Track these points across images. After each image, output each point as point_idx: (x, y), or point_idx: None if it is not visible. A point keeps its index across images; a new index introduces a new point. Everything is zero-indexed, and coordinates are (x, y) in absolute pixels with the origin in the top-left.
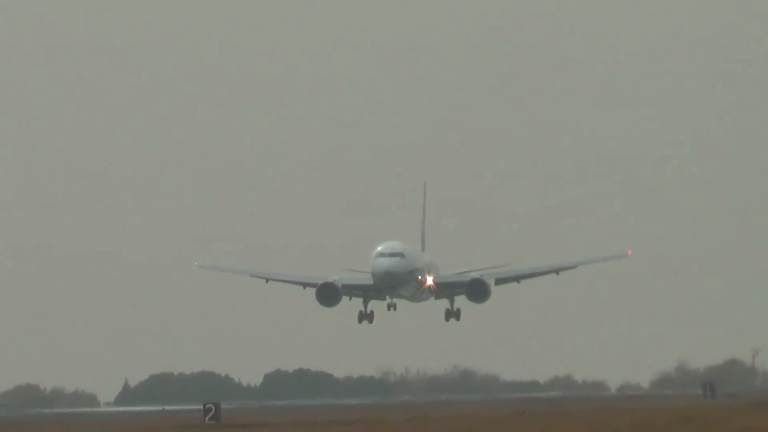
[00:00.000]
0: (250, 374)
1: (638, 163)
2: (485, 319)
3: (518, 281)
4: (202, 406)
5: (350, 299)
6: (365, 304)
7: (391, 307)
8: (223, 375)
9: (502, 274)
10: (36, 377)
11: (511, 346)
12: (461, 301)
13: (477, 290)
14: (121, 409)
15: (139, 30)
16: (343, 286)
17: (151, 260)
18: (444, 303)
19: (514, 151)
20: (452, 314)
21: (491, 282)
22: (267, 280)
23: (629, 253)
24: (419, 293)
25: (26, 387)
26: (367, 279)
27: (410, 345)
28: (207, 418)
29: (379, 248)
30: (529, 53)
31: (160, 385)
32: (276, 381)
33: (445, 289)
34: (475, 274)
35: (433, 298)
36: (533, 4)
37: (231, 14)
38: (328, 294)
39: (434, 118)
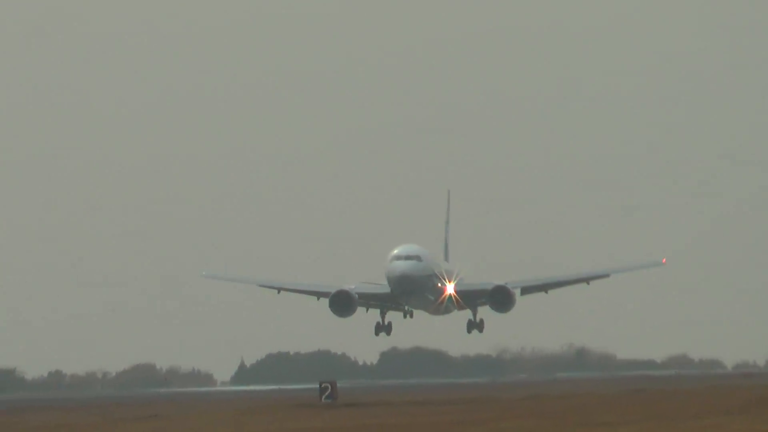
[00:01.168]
0: (366, 353)
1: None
2: (602, 299)
3: (546, 291)
4: (318, 385)
5: (367, 310)
6: (382, 315)
7: (407, 314)
8: (339, 354)
9: (529, 283)
10: (152, 357)
11: (627, 325)
12: (484, 312)
13: (501, 298)
14: (237, 388)
15: (143, 34)
16: (359, 294)
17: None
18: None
19: (541, 159)
20: (475, 325)
21: (517, 291)
22: (279, 291)
23: (663, 261)
24: (439, 303)
25: (143, 366)
26: (383, 287)
27: (525, 323)
28: (323, 397)
29: (395, 251)
30: (556, 56)
31: (276, 365)
32: (392, 360)
33: (467, 298)
34: (498, 282)
35: (455, 310)
36: (558, 3)
37: (255, 19)
38: (343, 303)
39: (459, 125)
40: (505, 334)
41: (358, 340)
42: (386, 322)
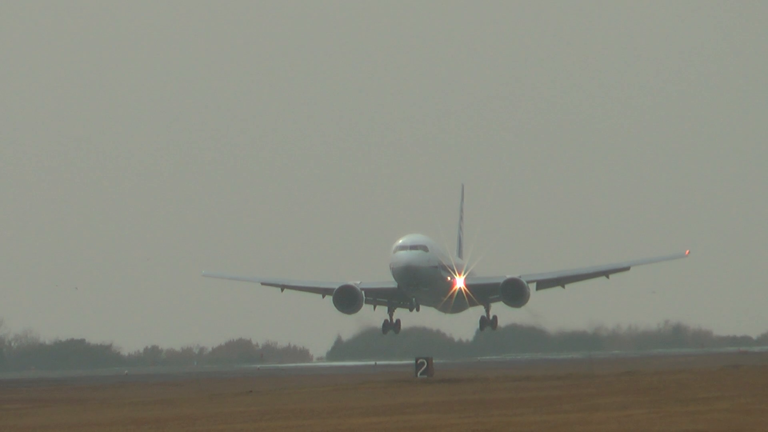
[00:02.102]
0: (461, 329)
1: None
2: (699, 276)
3: (563, 285)
4: (413, 361)
5: (374, 308)
6: (390, 312)
7: (414, 308)
8: (434, 330)
9: (544, 277)
10: (249, 333)
11: (723, 302)
12: (498, 308)
13: (513, 291)
14: (333, 364)
15: (143, 31)
16: (364, 290)
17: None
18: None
19: (555, 152)
20: (488, 322)
21: (532, 286)
22: (282, 288)
23: (686, 253)
24: (449, 297)
25: (239, 342)
26: (390, 282)
27: (621, 300)
28: (419, 373)
29: (399, 241)
30: (573, 46)
31: (371, 341)
32: (487, 337)
33: (479, 293)
34: (511, 275)
35: (468, 307)
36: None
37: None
38: (347, 298)
39: (471, 117)
40: (600, 311)
41: (454, 317)
42: (395, 320)
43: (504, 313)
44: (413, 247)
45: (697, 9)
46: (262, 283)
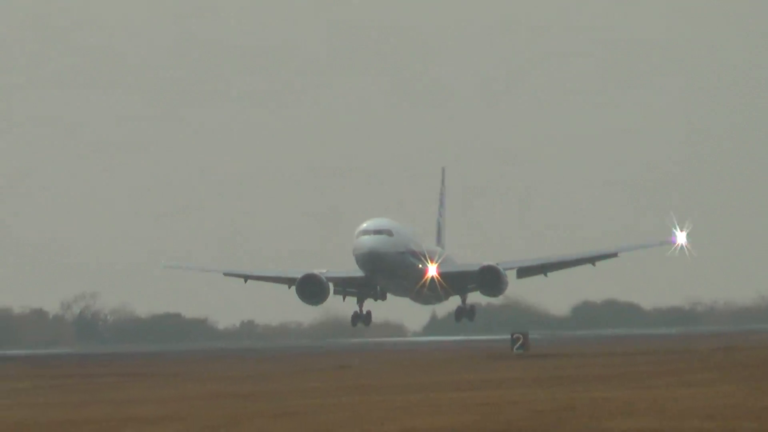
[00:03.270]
0: (557, 304)
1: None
2: None
3: (545, 273)
4: (509, 336)
5: (344, 299)
6: (360, 303)
7: (379, 297)
8: (530, 304)
9: (525, 263)
10: (344, 308)
11: None
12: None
13: (489, 279)
14: (429, 338)
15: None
16: (332, 279)
17: None
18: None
19: (536, 134)
20: (465, 312)
21: (512, 273)
22: (245, 279)
23: (677, 239)
24: (421, 287)
25: (335, 318)
26: (357, 271)
27: (717, 275)
28: (515, 348)
29: (363, 225)
30: (557, 32)
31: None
32: (584, 312)
33: (454, 281)
34: (488, 262)
35: (445, 298)
36: None
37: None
38: (311, 288)
39: (450, 96)
40: (696, 286)
41: (550, 291)
42: (365, 311)
43: (600, 288)
44: (377, 232)
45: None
46: (225, 274)
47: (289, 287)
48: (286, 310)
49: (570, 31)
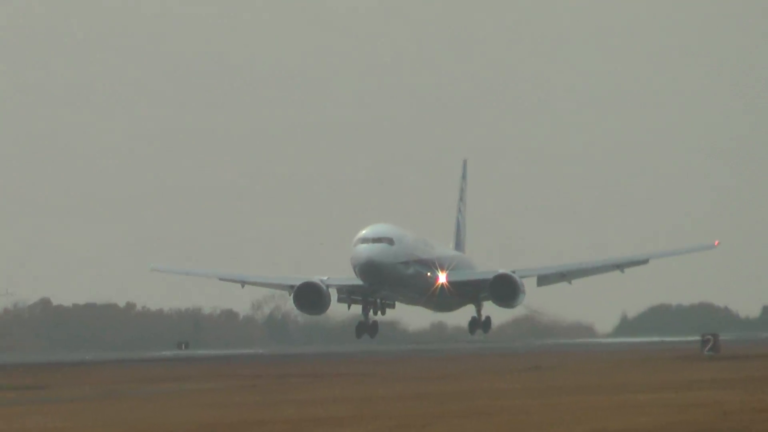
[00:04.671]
0: (748, 306)
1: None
2: None
3: (569, 281)
4: (699, 337)
5: (349, 307)
6: (365, 312)
7: (379, 310)
8: (721, 307)
9: (546, 271)
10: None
11: None
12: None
13: (503, 289)
14: (619, 340)
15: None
16: (335, 287)
17: None
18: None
19: (564, 131)
20: (479, 324)
21: (530, 281)
22: (243, 285)
23: (716, 243)
24: (430, 297)
25: (525, 318)
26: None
27: None
28: (705, 350)
29: (362, 232)
30: (587, 26)
31: (657, 317)
32: None
33: (465, 290)
34: (504, 270)
35: (457, 306)
36: None
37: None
38: (310, 298)
39: (472, 86)
40: None
41: (741, 292)
42: (371, 321)
43: None
44: (376, 240)
45: None
46: (220, 279)
47: (290, 294)
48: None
49: (601, 23)
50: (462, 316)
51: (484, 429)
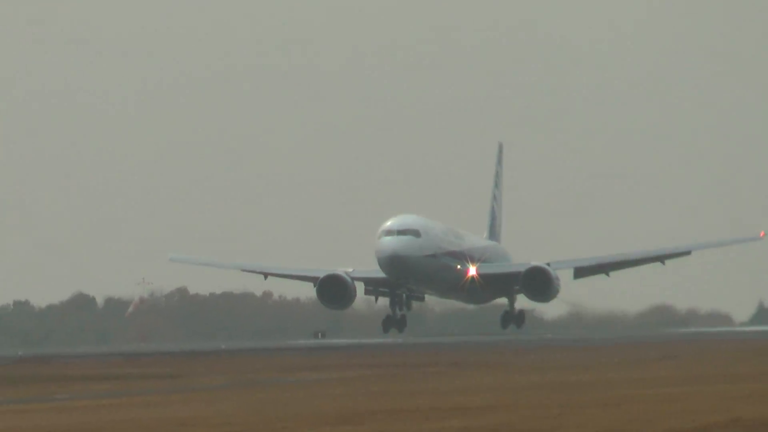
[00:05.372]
0: None
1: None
2: None
3: (607, 273)
4: None
5: (376, 300)
6: (393, 305)
7: (406, 305)
8: None
9: (584, 263)
10: (671, 298)
11: None
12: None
13: (536, 283)
14: (756, 328)
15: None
16: (362, 279)
17: None
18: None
19: (607, 123)
20: (512, 318)
21: (566, 274)
22: (265, 276)
23: (762, 234)
24: (459, 289)
25: (661, 307)
26: None
27: None
28: None
29: (386, 224)
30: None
31: None
32: None
33: (497, 284)
34: (537, 262)
35: (489, 299)
36: None
37: None
38: (334, 291)
39: (508, 66)
40: None
41: None
42: (399, 315)
43: None
44: (401, 232)
45: None
46: (243, 270)
47: (315, 285)
48: (612, 299)
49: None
50: (602, 301)
51: (620, 418)
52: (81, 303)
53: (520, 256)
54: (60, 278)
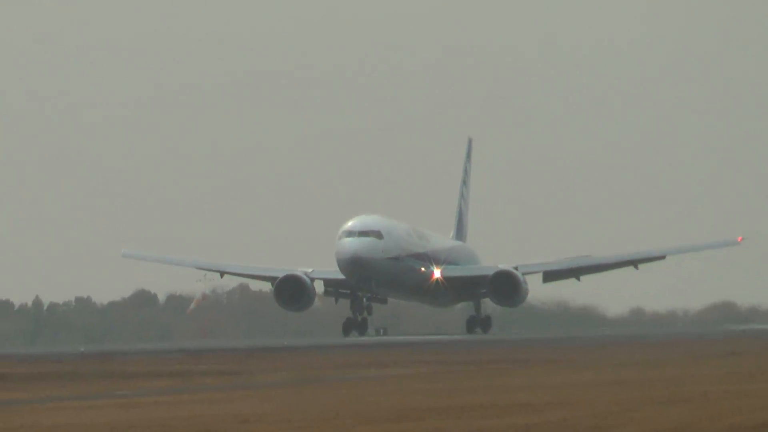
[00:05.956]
0: None
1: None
2: None
3: (578, 277)
4: None
5: (336, 301)
6: (353, 307)
7: (366, 309)
8: None
9: (553, 267)
10: (732, 295)
11: None
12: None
13: (503, 287)
14: None
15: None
16: (322, 280)
17: None
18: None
19: (576, 120)
20: (477, 322)
21: (537, 278)
22: (222, 275)
23: (739, 239)
24: (423, 292)
25: (723, 304)
26: None
27: None
28: None
29: (347, 224)
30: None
31: None
32: None
33: (463, 287)
34: (505, 266)
35: (453, 303)
36: None
37: None
38: (292, 292)
39: (477, 63)
40: None
41: None
42: (360, 318)
43: None
44: (363, 233)
45: None
46: (198, 268)
47: (272, 285)
48: (673, 296)
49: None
50: (657, 302)
51: (684, 416)
52: (143, 299)
53: (489, 257)
54: (122, 275)
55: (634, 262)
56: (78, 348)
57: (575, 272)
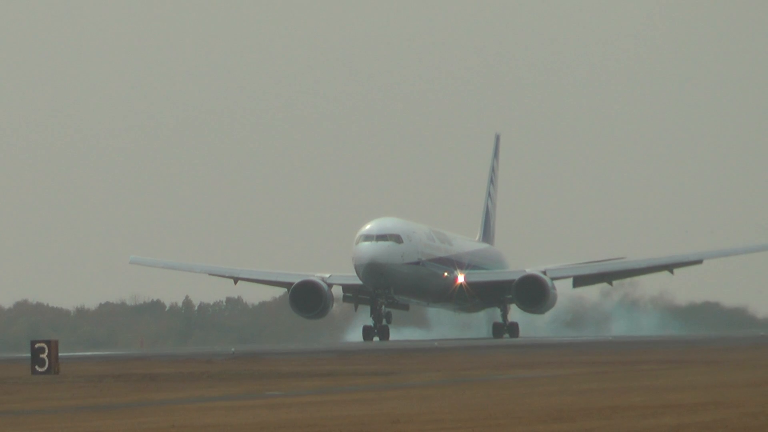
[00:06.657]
0: None
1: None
2: None
3: (610, 282)
4: None
5: (356, 308)
6: (373, 313)
7: (385, 317)
8: None
9: (584, 271)
10: None
11: None
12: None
13: (530, 292)
14: None
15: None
16: (341, 285)
17: None
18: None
19: (612, 120)
20: (503, 329)
21: (567, 283)
22: (235, 281)
23: None
24: (446, 298)
25: None
26: None
27: None
28: None
29: (365, 227)
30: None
31: None
32: None
33: (488, 292)
34: (532, 270)
35: (479, 308)
36: None
37: None
38: (307, 298)
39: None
40: None
41: None
42: (379, 326)
43: None
44: (381, 237)
45: None
46: (210, 274)
47: (288, 291)
48: None
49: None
50: None
51: None
52: None
53: (517, 260)
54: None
55: (669, 267)
56: (229, 348)
57: (607, 277)
